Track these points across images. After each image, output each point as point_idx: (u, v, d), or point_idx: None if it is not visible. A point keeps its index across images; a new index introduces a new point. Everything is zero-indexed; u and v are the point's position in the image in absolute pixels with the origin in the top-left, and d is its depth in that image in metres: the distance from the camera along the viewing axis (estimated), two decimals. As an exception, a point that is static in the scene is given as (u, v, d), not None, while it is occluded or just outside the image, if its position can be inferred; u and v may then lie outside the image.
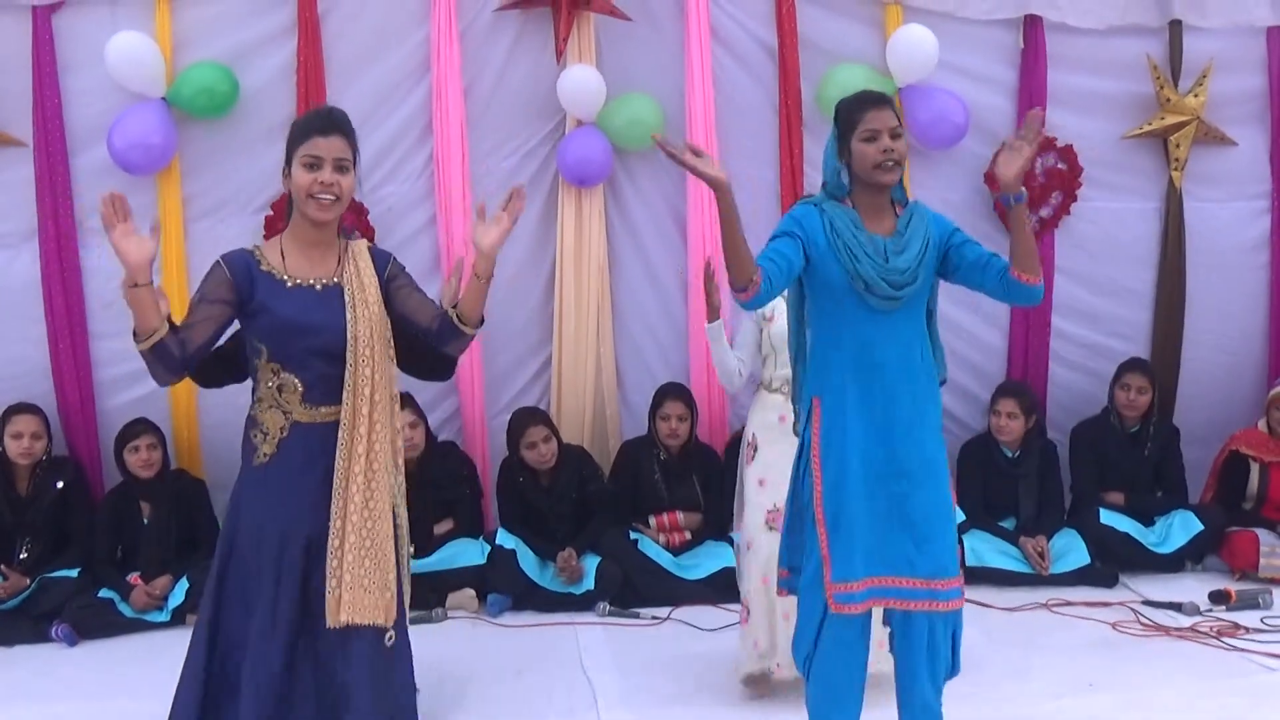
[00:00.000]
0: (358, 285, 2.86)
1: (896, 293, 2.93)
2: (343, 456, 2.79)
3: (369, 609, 2.80)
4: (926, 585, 2.97)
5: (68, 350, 4.98)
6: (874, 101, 2.97)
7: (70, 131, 4.90)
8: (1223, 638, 4.31)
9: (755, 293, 2.82)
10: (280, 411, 2.82)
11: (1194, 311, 5.59)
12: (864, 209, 3.00)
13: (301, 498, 2.81)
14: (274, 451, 2.83)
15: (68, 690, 4.11)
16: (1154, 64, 5.40)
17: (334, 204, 2.80)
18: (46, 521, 4.85)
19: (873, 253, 2.93)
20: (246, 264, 2.83)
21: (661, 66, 5.20)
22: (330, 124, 2.82)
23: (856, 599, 2.95)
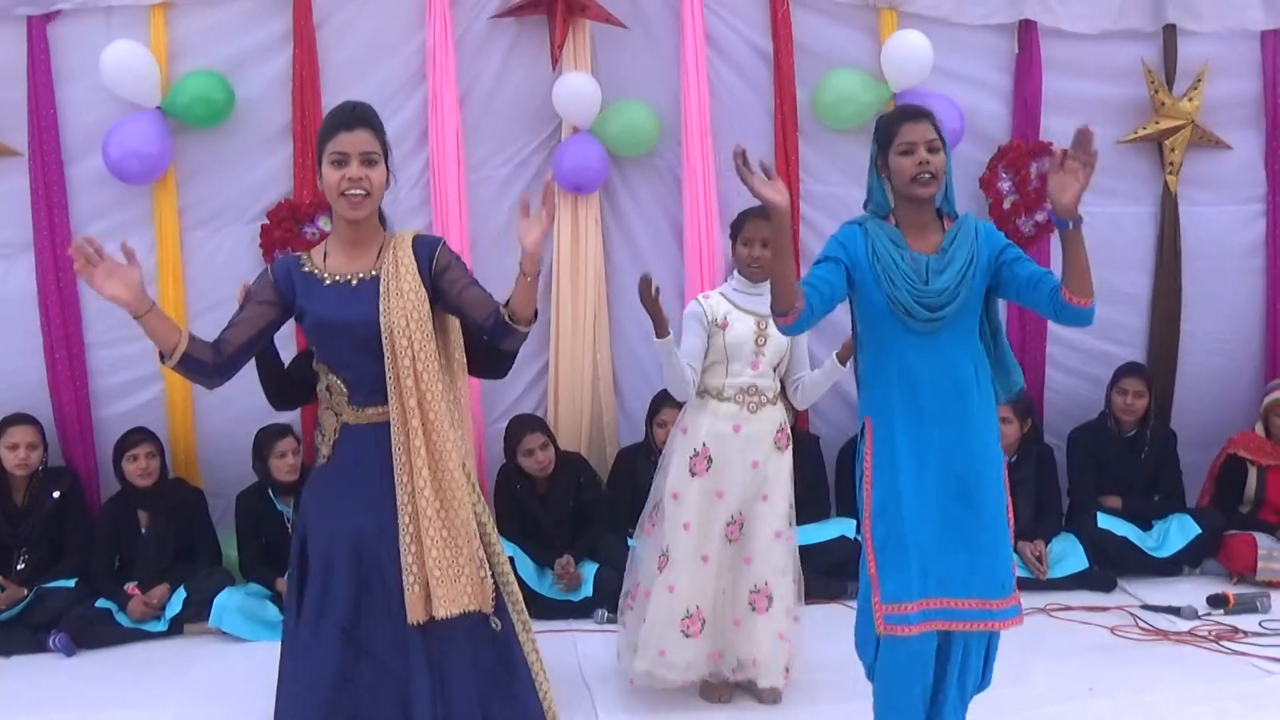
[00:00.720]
0: (393, 275, 2.77)
1: (934, 314, 2.90)
2: (401, 454, 2.72)
3: (457, 598, 2.73)
4: (983, 605, 2.97)
5: (64, 360, 4.97)
6: (911, 115, 2.96)
7: (65, 141, 4.90)
8: (1221, 641, 4.31)
9: (796, 318, 2.82)
10: (332, 413, 2.82)
11: (1190, 315, 5.60)
12: (907, 225, 2.97)
13: (351, 500, 2.78)
14: (330, 453, 2.82)
15: (65, 701, 4.11)
16: (1148, 68, 5.41)
17: (365, 199, 2.75)
18: (43, 532, 4.84)
19: (911, 274, 2.90)
20: (289, 267, 2.83)
21: (657, 73, 5.21)
22: (355, 118, 2.78)
23: (911, 620, 2.93)
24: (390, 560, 2.77)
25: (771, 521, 3.78)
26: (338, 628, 2.77)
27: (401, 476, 2.74)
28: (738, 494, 3.78)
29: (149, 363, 5.06)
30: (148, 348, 4.91)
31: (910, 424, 2.95)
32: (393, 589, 2.76)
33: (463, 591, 2.75)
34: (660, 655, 3.81)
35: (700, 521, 3.78)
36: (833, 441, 5.32)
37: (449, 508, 2.76)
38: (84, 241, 2.63)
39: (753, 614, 3.76)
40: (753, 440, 3.78)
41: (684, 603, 3.79)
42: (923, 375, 2.94)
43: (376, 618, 2.78)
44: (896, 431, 2.96)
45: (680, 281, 5.31)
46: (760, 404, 3.80)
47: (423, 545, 2.72)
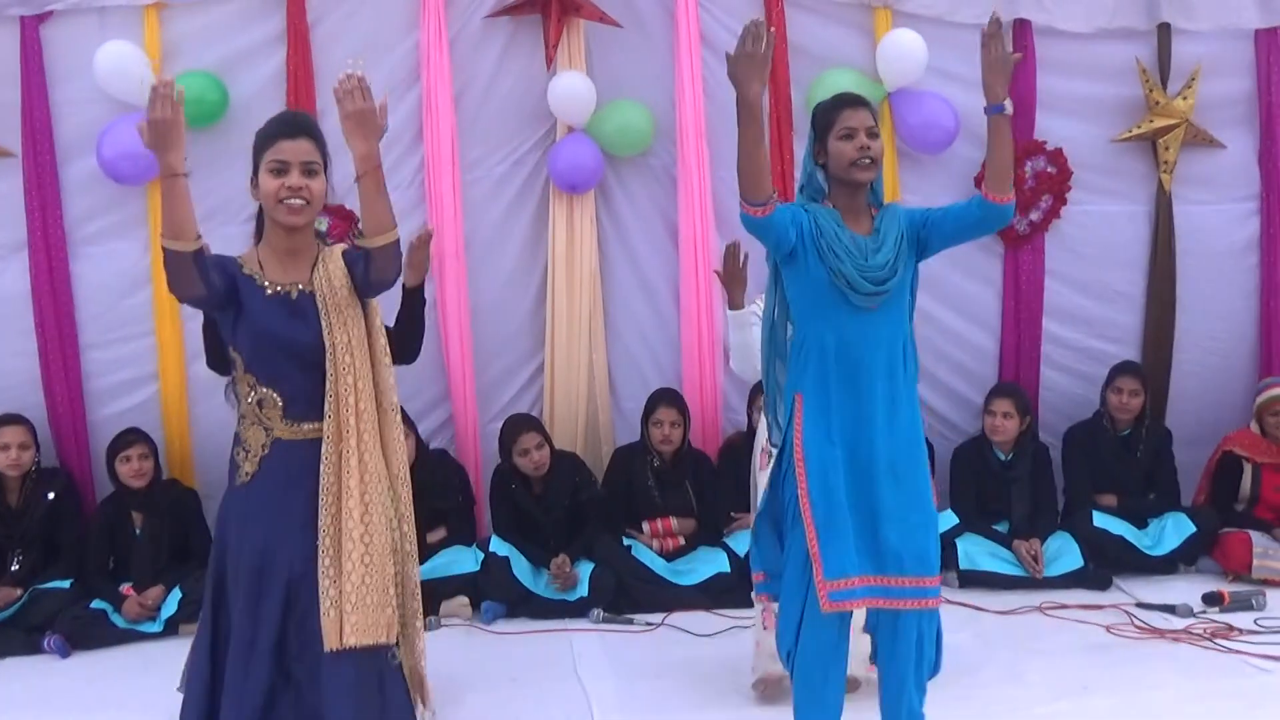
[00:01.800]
0: (328, 290, 2.73)
1: (876, 289, 2.97)
2: (330, 472, 2.66)
3: (371, 628, 2.66)
4: (916, 583, 2.99)
5: (58, 361, 4.96)
6: (850, 102, 3.05)
7: (59, 142, 4.89)
8: (1216, 639, 4.31)
9: (770, 212, 2.87)
10: (262, 428, 2.72)
11: (1184, 314, 5.60)
12: (843, 209, 3.06)
13: (283, 520, 2.68)
14: (256, 470, 2.72)
15: (60, 702, 4.10)
16: (1142, 67, 5.41)
17: (304, 208, 2.69)
18: (37, 533, 4.83)
19: (854, 250, 2.98)
20: (229, 263, 2.75)
21: (652, 73, 5.21)
22: (296, 127, 2.72)
23: (856, 595, 2.95)
24: (315, 583, 2.68)
25: None
26: (268, 657, 2.69)
27: (326, 498, 2.66)
28: None
29: (144, 363, 5.07)
30: (142, 348, 5.06)
31: (845, 400, 2.99)
32: (314, 614, 2.68)
33: (378, 621, 2.68)
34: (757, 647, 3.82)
35: None
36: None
37: (372, 533, 2.68)
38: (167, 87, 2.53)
39: None
40: None
41: None
42: (860, 352, 2.99)
43: (300, 644, 2.70)
44: (831, 407, 2.99)
45: (676, 281, 5.31)
46: None
47: (342, 570, 2.65)
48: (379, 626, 2.68)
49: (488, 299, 5.25)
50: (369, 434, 2.71)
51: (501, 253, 5.23)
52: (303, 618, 2.69)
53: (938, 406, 5.49)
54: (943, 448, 5.41)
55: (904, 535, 2.99)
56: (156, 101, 2.54)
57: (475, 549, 4.96)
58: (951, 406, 5.56)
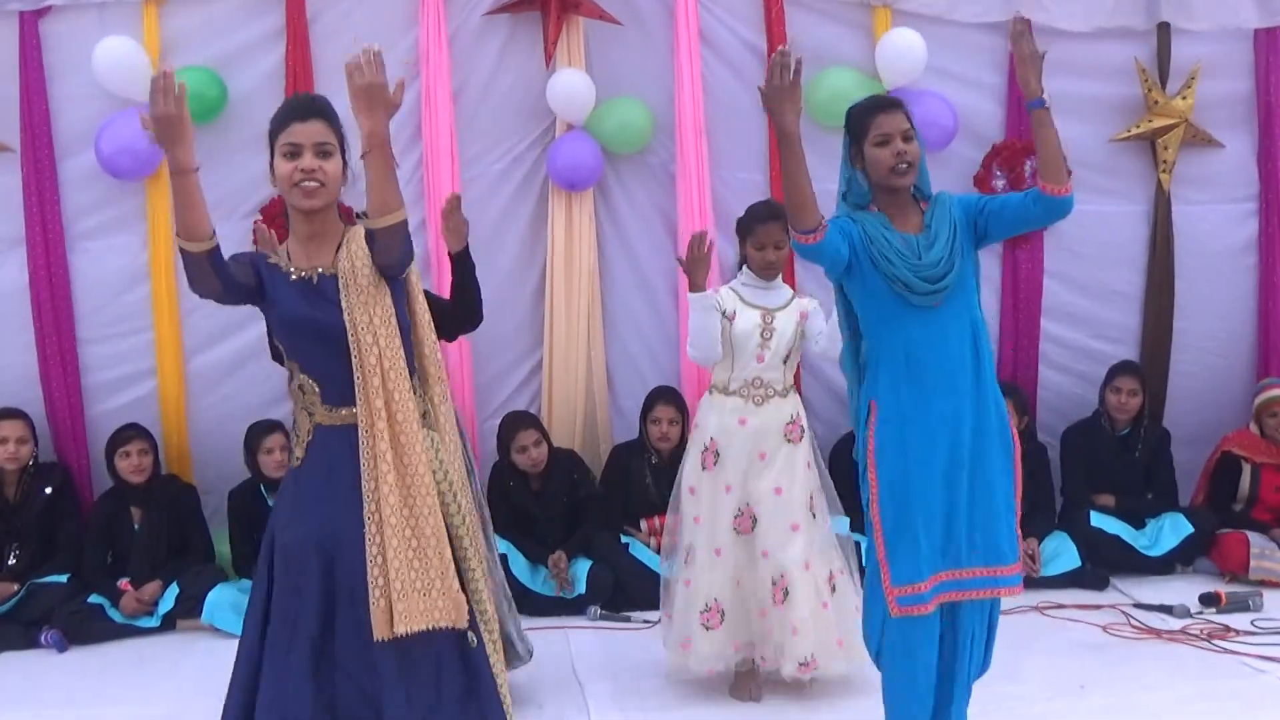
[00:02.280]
0: (349, 270, 2.65)
1: (935, 286, 2.95)
2: (366, 458, 2.59)
3: (425, 613, 2.57)
4: (987, 573, 2.99)
5: (55, 356, 4.97)
6: (884, 106, 3.00)
7: (58, 137, 4.89)
8: (1213, 640, 4.31)
9: (822, 238, 2.85)
10: (306, 413, 2.70)
11: (1183, 314, 5.59)
12: (889, 211, 3.04)
13: (325, 504, 2.64)
14: (304, 455, 2.70)
15: (57, 697, 4.10)
16: (1142, 67, 5.41)
17: (319, 190, 2.63)
18: (35, 527, 4.84)
19: (906, 252, 2.96)
20: (257, 258, 2.74)
21: (651, 70, 5.20)
22: (308, 109, 2.67)
23: (925, 599, 2.96)
24: (361, 570, 2.60)
25: (786, 514, 3.78)
26: (309, 644, 2.64)
27: (368, 483, 2.60)
28: (743, 486, 3.79)
29: (142, 359, 5.07)
30: (141, 344, 5.05)
31: (917, 403, 2.98)
32: (362, 602, 2.60)
33: (433, 606, 2.58)
34: (683, 648, 3.85)
35: (710, 515, 3.82)
36: (825, 439, 5.30)
37: (417, 516, 2.60)
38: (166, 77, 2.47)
39: (773, 606, 3.77)
40: (759, 433, 3.80)
41: (702, 596, 3.83)
42: (929, 352, 2.98)
43: (348, 631, 2.64)
44: (904, 412, 2.99)
45: (674, 279, 5.30)
46: (766, 396, 3.82)
47: (386, 556, 2.57)
48: (441, 610, 2.59)
49: (486, 296, 5.10)
50: (402, 413, 2.61)
51: (500, 250, 5.22)
52: (349, 602, 2.63)
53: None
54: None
55: (973, 524, 2.99)
56: (157, 96, 2.50)
57: (473, 546, 4.95)
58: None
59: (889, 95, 3.13)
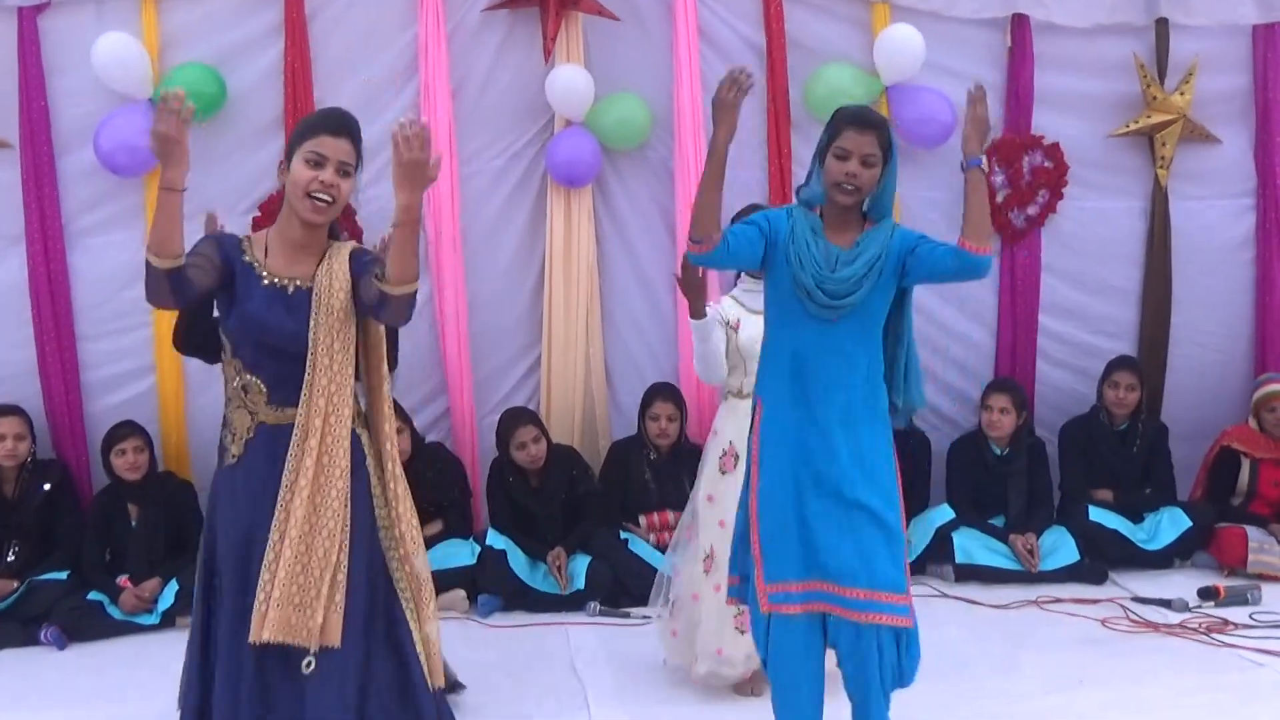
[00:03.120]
0: (325, 288, 2.71)
1: (834, 302, 2.94)
2: (290, 466, 2.65)
3: (292, 628, 2.60)
4: (870, 596, 2.91)
5: (54, 352, 4.96)
6: (859, 123, 2.94)
7: (57, 133, 4.88)
8: (1211, 634, 4.31)
9: (711, 248, 2.87)
10: (247, 411, 2.73)
11: (1180, 309, 5.60)
12: (831, 218, 3.03)
13: (267, 501, 2.66)
14: (242, 452, 2.74)
15: (56, 694, 4.09)
16: (1140, 62, 5.41)
17: (329, 207, 2.68)
18: (34, 524, 4.82)
19: (821, 260, 2.95)
20: (234, 247, 2.74)
21: (650, 66, 5.20)
22: (342, 126, 2.70)
23: (794, 599, 2.95)
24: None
25: None
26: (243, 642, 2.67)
27: (284, 491, 2.65)
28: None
29: (141, 355, 5.06)
30: (139, 340, 5.05)
31: (798, 409, 2.98)
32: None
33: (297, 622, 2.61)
34: (719, 654, 3.79)
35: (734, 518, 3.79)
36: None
37: (315, 531, 2.65)
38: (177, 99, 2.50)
39: None
40: None
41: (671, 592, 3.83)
42: (815, 364, 2.97)
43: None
44: (784, 414, 2.99)
45: (672, 275, 5.29)
46: None
47: (279, 563, 2.63)
48: (299, 628, 2.62)
49: (485, 292, 5.24)
50: (332, 436, 2.68)
51: (499, 246, 5.22)
52: None
53: (934, 401, 5.47)
54: (939, 442, 5.42)
55: (856, 549, 2.94)
56: (162, 114, 2.52)
57: (472, 542, 4.95)
58: (947, 401, 5.55)
59: (874, 115, 3.02)
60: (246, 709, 2.66)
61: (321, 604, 2.63)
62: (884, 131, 2.96)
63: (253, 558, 2.67)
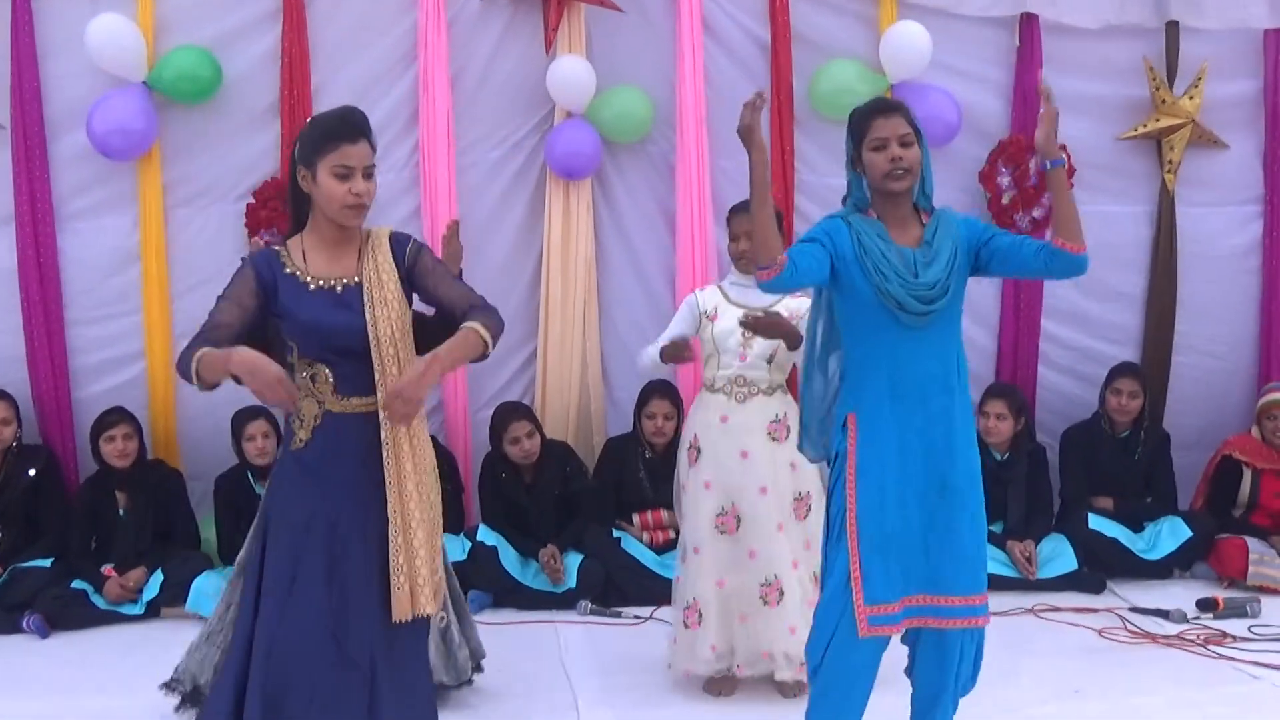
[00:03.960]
0: (376, 283, 2.77)
1: (927, 308, 2.87)
2: (390, 454, 2.75)
3: (431, 599, 2.79)
4: (965, 602, 2.92)
5: (43, 337, 4.91)
6: (883, 109, 2.91)
7: (49, 115, 4.83)
8: (1210, 646, 4.28)
9: (778, 273, 2.79)
10: (314, 400, 2.78)
11: (1185, 316, 5.56)
12: (888, 220, 2.94)
13: (333, 485, 2.76)
14: (309, 438, 2.79)
15: (38, 683, 4.05)
16: (1150, 65, 5.35)
17: (365, 210, 2.77)
18: (18, 510, 4.79)
19: (901, 268, 2.87)
20: (270, 265, 2.79)
21: (653, 59, 5.16)
22: (356, 130, 2.74)
23: (895, 620, 2.90)
24: (363, 552, 2.77)
25: (772, 514, 3.74)
26: (310, 605, 2.75)
27: (391, 477, 2.76)
28: (724, 484, 3.75)
29: (130, 341, 5.03)
30: (129, 326, 5.01)
31: (897, 420, 2.92)
32: (361, 583, 2.76)
33: (436, 591, 2.82)
34: (673, 642, 3.87)
35: (691, 513, 3.81)
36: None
37: (431, 508, 2.82)
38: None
39: (764, 607, 3.72)
40: (741, 431, 3.76)
41: (684, 594, 3.83)
42: (912, 371, 2.91)
43: (348, 606, 2.77)
44: (883, 428, 2.92)
45: (672, 271, 5.26)
46: (749, 395, 3.78)
47: (411, 545, 2.76)
48: (435, 598, 2.81)
49: (481, 285, 4.96)
50: (418, 419, 2.80)
51: (496, 238, 5.18)
52: (343, 583, 2.76)
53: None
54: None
55: (956, 553, 2.92)
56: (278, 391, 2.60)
57: (463, 538, 4.91)
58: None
59: (890, 98, 2.99)
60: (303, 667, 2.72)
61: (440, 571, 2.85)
62: (906, 110, 2.93)
63: (310, 540, 2.75)
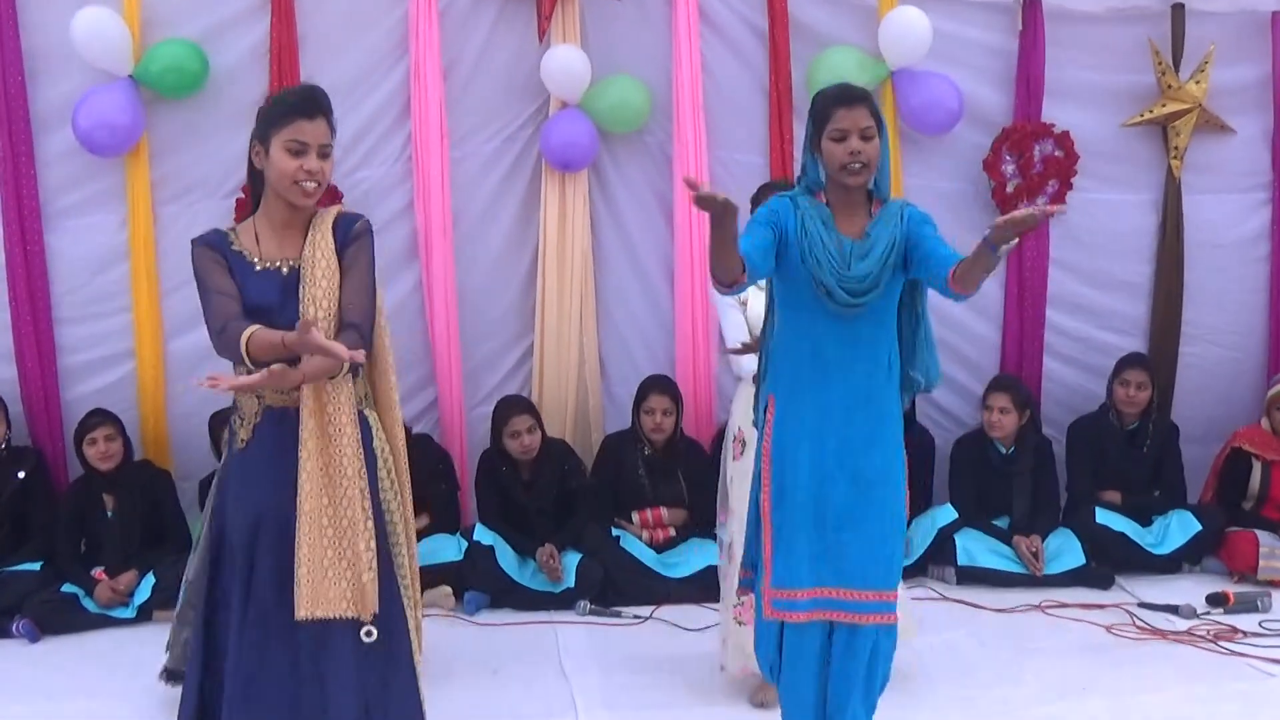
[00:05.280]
0: (310, 263, 2.73)
1: (855, 300, 2.84)
2: (302, 442, 2.70)
3: (333, 600, 2.67)
4: (878, 597, 2.90)
5: (30, 336, 4.84)
6: (846, 99, 2.84)
7: (35, 110, 4.76)
8: (1220, 641, 4.23)
9: (738, 284, 2.77)
10: (254, 395, 2.75)
11: (1192, 305, 5.48)
12: (837, 206, 2.91)
13: (274, 483, 2.72)
14: (250, 437, 2.77)
15: (28, 689, 4.00)
16: (1155, 49, 5.27)
17: (316, 190, 2.72)
18: (7, 513, 4.73)
19: (836, 257, 2.84)
20: (221, 244, 2.76)
21: (649, 48, 5.08)
22: (315, 106, 2.71)
23: (799, 607, 2.88)
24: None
25: None
26: (263, 620, 2.72)
27: (300, 466, 2.70)
28: None
29: (119, 340, 4.97)
30: (118, 325, 4.96)
31: (815, 406, 2.90)
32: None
33: (341, 595, 2.68)
34: (724, 642, 3.78)
35: (740, 507, 3.70)
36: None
37: (336, 504, 2.70)
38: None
39: None
40: None
41: (735, 590, 3.70)
42: (835, 358, 2.89)
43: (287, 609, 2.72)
44: (800, 412, 2.91)
45: (670, 263, 5.20)
46: None
47: (302, 540, 2.69)
48: (341, 599, 2.68)
49: (475, 280, 5.14)
50: (333, 407, 2.71)
51: (490, 232, 5.12)
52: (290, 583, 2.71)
53: (937, 397, 5.38)
54: (943, 440, 5.32)
55: (867, 547, 2.90)
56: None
57: (459, 537, 4.85)
58: (951, 398, 5.44)
59: (855, 87, 2.91)
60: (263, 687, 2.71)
61: (357, 574, 2.69)
62: (870, 101, 2.88)
63: (259, 540, 2.72)
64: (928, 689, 3.81)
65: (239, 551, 2.74)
